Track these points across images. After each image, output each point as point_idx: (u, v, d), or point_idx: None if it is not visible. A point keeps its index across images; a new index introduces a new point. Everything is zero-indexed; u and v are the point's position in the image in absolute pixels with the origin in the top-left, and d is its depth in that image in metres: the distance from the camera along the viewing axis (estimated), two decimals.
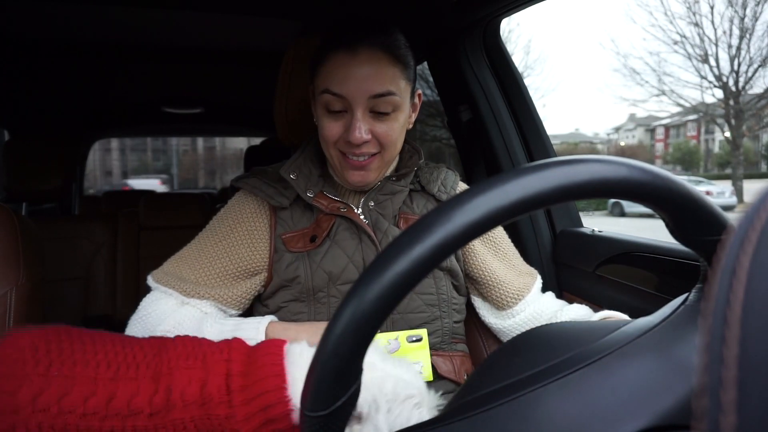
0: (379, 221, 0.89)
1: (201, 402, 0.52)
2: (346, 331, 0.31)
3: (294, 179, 0.87)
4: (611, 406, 0.33)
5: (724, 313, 0.17)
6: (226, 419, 0.52)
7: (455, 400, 0.45)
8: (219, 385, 0.53)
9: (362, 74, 0.78)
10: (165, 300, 0.84)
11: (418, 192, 0.95)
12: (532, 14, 20.61)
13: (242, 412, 0.52)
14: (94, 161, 20.54)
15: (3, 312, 0.91)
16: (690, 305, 0.40)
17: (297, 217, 0.89)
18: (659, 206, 0.35)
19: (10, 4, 1.35)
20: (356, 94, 0.78)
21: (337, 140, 0.83)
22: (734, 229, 0.19)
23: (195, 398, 0.52)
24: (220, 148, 25.49)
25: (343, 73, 0.78)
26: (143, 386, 0.52)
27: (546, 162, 0.32)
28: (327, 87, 0.79)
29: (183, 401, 0.51)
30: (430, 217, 0.31)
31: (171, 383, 0.52)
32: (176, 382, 0.52)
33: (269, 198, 0.88)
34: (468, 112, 1.44)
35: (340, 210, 0.87)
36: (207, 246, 0.88)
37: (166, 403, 0.51)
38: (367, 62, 0.78)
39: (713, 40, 8.75)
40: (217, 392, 0.52)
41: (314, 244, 0.86)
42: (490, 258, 0.96)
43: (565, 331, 0.45)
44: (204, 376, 0.53)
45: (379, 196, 0.91)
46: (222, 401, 0.52)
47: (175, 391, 0.52)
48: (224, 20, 1.53)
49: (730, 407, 0.16)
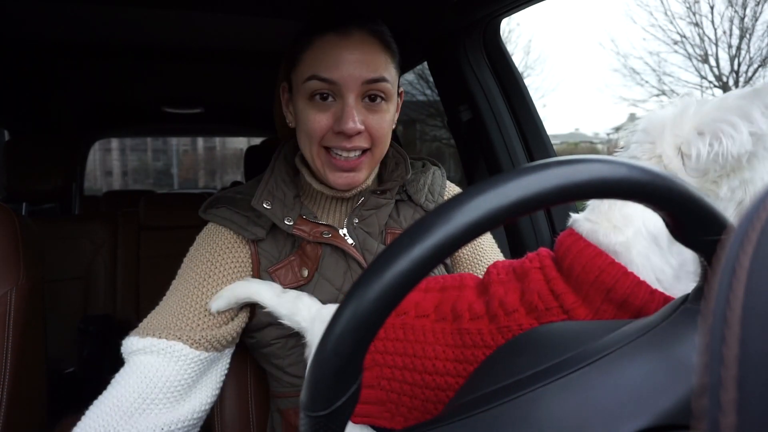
0: (367, 241, 0.82)
1: (526, 310, 0.53)
2: (346, 331, 0.31)
3: (268, 209, 0.78)
4: (611, 406, 0.33)
5: (724, 313, 0.17)
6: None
7: (455, 400, 0.45)
8: (540, 290, 0.53)
9: (355, 58, 0.73)
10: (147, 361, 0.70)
11: (404, 202, 0.89)
12: (532, 14, 20.60)
13: (585, 308, 0.51)
14: (94, 161, 20.53)
15: (3, 312, 0.91)
16: (690, 305, 0.40)
17: (280, 245, 0.82)
18: (659, 206, 0.35)
19: (10, 4, 1.35)
20: (349, 79, 0.72)
21: (324, 135, 0.75)
22: (734, 229, 0.19)
23: (515, 307, 0.54)
24: (220, 148, 25.46)
25: (334, 56, 0.72)
26: (465, 295, 0.59)
27: (546, 162, 0.32)
28: (315, 72, 0.73)
29: (504, 310, 0.54)
30: (429, 217, 0.31)
31: (489, 295, 0.57)
32: (494, 292, 0.57)
33: (243, 230, 0.79)
34: (468, 112, 1.44)
35: (323, 236, 0.79)
36: (194, 291, 0.77)
37: (487, 311, 0.55)
38: (360, 46, 0.73)
39: (713, 40, 8.75)
40: (540, 299, 0.53)
41: (306, 279, 0.79)
42: (480, 269, 0.92)
43: (565, 331, 0.45)
44: (521, 287, 0.56)
45: (363, 212, 0.84)
46: (549, 307, 0.52)
47: (494, 301, 0.55)
48: (224, 20, 1.53)
49: (730, 407, 0.16)
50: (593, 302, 0.50)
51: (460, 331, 0.56)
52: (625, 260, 0.51)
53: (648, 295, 0.49)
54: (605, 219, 0.54)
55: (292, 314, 0.71)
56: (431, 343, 0.57)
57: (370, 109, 0.76)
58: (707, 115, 0.51)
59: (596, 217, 0.55)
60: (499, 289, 0.57)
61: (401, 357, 0.58)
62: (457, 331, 0.56)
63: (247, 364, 0.89)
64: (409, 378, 0.57)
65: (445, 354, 0.55)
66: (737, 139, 0.49)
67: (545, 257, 0.57)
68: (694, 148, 0.51)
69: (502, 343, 0.52)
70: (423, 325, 0.58)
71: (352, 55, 0.73)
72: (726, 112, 0.50)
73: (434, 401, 0.55)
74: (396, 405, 0.58)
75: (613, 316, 0.50)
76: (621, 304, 0.49)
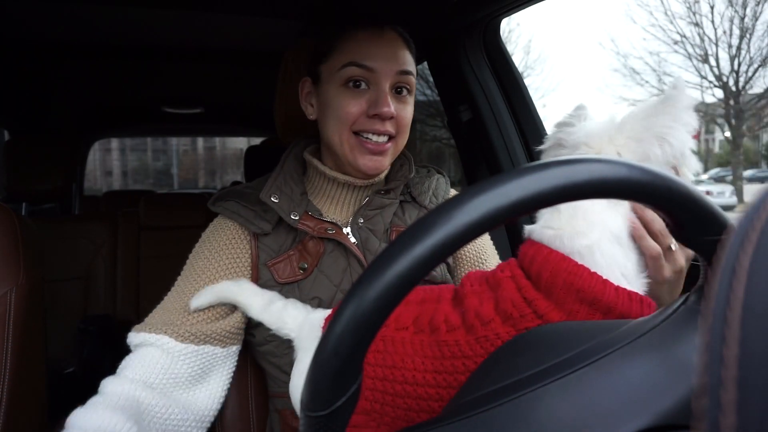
0: (370, 240, 0.84)
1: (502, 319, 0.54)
2: (346, 331, 0.31)
3: (276, 202, 0.81)
4: (611, 406, 0.33)
5: (724, 313, 0.17)
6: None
7: (455, 400, 0.45)
8: (514, 298, 0.54)
9: (390, 51, 0.81)
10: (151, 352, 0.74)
11: (408, 203, 0.92)
12: (532, 14, 20.65)
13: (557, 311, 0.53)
14: (94, 161, 20.54)
15: (3, 312, 0.91)
16: (690, 305, 0.40)
17: (281, 240, 0.84)
18: (659, 206, 0.35)
19: (10, 4, 1.35)
20: (385, 67, 0.79)
21: (357, 119, 0.80)
22: (734, 229, 0.19)
23: (491, 317, 0.55)
24: (220, 148, 25.48)
25: (373, 46, 0.80)
26: (442, 308, 0.60)
27: (546, 162, 0.32)
28: (353, 59, 0.79)
29: (480, 320, 0.55)
30: (430, 217, 0.31)
31: (464, 306, 0.58)
32: (468, 304, 0.58)
33: (249, 224, 0.82)
34: (468, 112, 1.44)
35: (327, 231, 0.81)
36: (187, 287, 0.80)
37: (463, 323, 0.56)
38: (392, 42, 0.82)
39: (713, 40, 8.74)
40: (514, 307, 0.54)
41: (304, 274, 0.81)
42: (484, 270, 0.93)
43: (565, 331, 0.45)
44: (494, 296, 0.56)
45: (368, 212, 0.86)
46: (524, 314, 0.53)
47: (470, 312, 0.56)
48: (224, 20, 1.53)
49: (730, 407, 0.16)
50: (565, 305, 0.52)
51: (438, 342, 0.57)
52: (588, 262, 0.54)
53: (613, 291, 0.52)
54: (569, 225, 0.56)
55: (278, 328, 0.74)
56: (410, 355, 0.58)
57: (397, 99, 0.82)
58: (643, 124, 0.57)
59: (557, 224, 0.57)
60: (473, 300, 0.58)
61: (381, 368, 0.59)
62: (436, 343, 0.57)
63: (248, 364, 0.89)
64: (390, 389, 0.58)
65: (425, 365, 0.57)
66: (678, 141, 0.55)
67: (515, 267, 0.58)
68: (632, 153, 0.57)
69: (480, 352, 0.54)
70: (402, 338, 0.59)
71: (388, 47, 0.81)
72: (661, 119, 0.56)
73: (417, 410, 0.56)
74: (380, 414, 0.59)
75: (585, 316, 0.52)
76: (591, 302, 0.51)
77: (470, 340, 0.55)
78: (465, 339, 0.55)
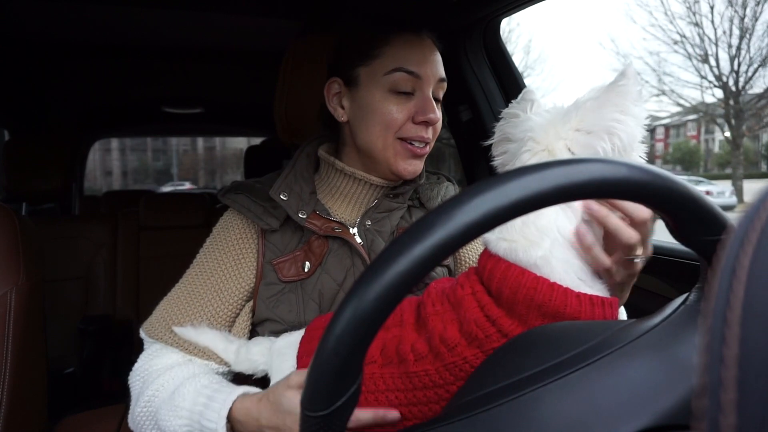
0: (376, 242, 0.83)
1: (467, 342, 0.53)
2: (345, 331, 0.31)
3: (285, 200, 0.81)
4: (611, 406, 0.33)
5: (724, 313, 0.17)
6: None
7: (455, 400, 0.45)
8: (477, 319, 0.53)
9: (432, 58, 0.80)
10: (162, 357, 0.80)
11: (417, 208, 0.91)
12: (532, 14, 20.58)
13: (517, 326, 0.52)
14: (94, 161, 20.54)
15: (3, 312, 0.91)
16: (690, 305, 0.40)
17: (287, 239, 0.84)
18: (659, 206, 0.35)
19: (10, 4, 1.35)
20: (430, 75, 0.79)
21: (403, 125, 0.79)
22: (734, 229, 0.19)
23: (457, 341, 0.53)
24: (220, 148, 25.50)
25: (417, 52, 0.79)
26: (407, 335, 0.58)
27: (546, 162, 0.32)
28: (401, 65, 0.77)
29: (446, 346, 0.54)
30: (430, 217, 0.31)
31: (428, 330, 0.57)
32: (432, 327, 0.56)
33: (258, 220, 0.82)
34: (468, 112, 1.44)
35: (335, 230, 0.81)
36: (196, 286, 0.82)
37: (429, 350, 0.55)
38: (431, 47, 0.81)
39: (713, 40, 8.74)
40: (478, 327, 0.53)
41: (308, 273, 0.81)
42: None
43: (565, 331, 0.45)
44: (457, 317, 0.55)
45: (375, 215, 0.86)
46: (489, 334, 0.52)
47: (434, 338, 0.55)
48: (224, 20, 1.53)
49: (730, 407, 0.16)
50: (528, 321, 0.51)
51: (408, 374, 0.56)
52: (546, 272, 0.53)
53: (575, 299, 0.51)
54: (521, 236, 0.55)
55: (254, 368, 0.76)
56: (383, 392, 0.57)
57: (435, 105, 0.82)
58: (592, 117, 0.56)
59: (511, 235, 0.55)
60: (437, 323, 0.57)
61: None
62: (405, 375, 0.56)
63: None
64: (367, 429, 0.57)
65: (398, 399, 0.56)
66: (627, 135, 0.54)
67: (476, 282, 0.57)
68: (581, 146, 0.56)
69: (450, 379, 0.53)
70: (372, 373, 0.58)
71: (430, 54, 0.80)
72: (610, 112, 0.55)
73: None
74: None
75: None
76: (554, 315, 0.51)
77: (439, 368, 0.54)
78: (434, 368, 0.54)
